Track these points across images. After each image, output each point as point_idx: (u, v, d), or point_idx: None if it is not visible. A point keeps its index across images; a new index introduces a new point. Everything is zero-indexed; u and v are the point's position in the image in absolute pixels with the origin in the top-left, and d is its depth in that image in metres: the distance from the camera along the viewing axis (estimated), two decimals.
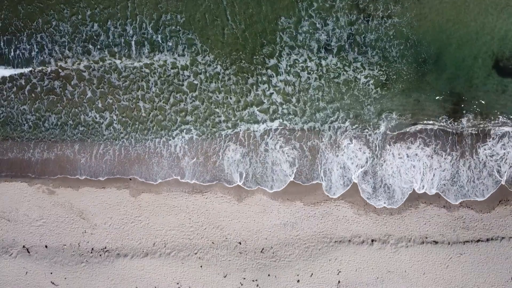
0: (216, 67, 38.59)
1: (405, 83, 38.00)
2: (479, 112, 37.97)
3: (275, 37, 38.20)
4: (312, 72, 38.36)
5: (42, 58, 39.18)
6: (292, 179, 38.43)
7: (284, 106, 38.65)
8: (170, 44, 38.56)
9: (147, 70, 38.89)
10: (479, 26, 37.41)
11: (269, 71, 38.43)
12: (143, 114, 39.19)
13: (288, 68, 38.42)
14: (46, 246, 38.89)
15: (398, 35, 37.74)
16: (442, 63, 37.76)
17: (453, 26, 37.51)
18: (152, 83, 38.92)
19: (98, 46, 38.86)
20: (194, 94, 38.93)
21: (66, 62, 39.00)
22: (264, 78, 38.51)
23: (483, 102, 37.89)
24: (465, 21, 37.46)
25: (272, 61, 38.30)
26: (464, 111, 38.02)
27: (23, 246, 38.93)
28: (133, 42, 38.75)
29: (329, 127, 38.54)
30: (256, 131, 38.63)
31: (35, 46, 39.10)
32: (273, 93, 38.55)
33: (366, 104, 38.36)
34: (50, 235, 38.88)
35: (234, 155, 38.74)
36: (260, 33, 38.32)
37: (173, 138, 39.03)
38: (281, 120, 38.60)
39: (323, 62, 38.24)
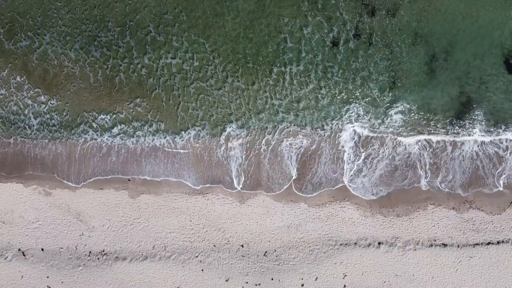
0: (221, 72, 38.16)
1: (414, 83, 37.48)
2: (488, 113, 37.42)
3: (278, 41, 37.76)
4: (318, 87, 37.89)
5: None
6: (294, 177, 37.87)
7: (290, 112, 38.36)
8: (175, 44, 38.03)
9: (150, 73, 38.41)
10: (489, 20, 36.90)
11: (273, 80, 38.09)
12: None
13: (293, 80, 38.07)
14: (42, 249, 38.33)
15: (406, 31, 37.19)
16: (452, 60, 37.22)
17: (463, 21, 37.02)
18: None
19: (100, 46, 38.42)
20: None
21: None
22: (271, 82, 38.12)
23: (492, 102, 37.41)
24: (475, 16, 36.98)
25: (276, 69, 37.90)
26: (473, 112, 37.50)
27: (19, 249, 38.33)
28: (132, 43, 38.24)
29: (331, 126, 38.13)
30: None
31: None
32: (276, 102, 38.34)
33: (375, 105, 37.81)
34: (46, 237, 38.31)
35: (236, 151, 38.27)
36: (264, 32, 37.88)
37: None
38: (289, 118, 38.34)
39: (329, 74, 37.79)
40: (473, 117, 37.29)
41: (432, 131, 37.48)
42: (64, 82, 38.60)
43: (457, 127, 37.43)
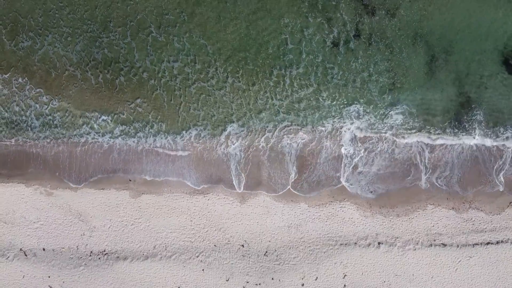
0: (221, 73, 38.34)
1: (413, 83, 37.67)
2: (487, 113, 37.61)
3: (279, 42, 37.95)
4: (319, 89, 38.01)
5: None
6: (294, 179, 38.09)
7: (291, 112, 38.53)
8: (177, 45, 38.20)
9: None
10: (490, 20, 37.03)
11: (273, 81, 38.32)
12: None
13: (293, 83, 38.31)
14: (43, 249, 38.40)
15: (406, 31, 37.35)
16: (452, 61, 37.40)
17: (463, 20, 37.17)
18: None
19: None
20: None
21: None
22: (272, 84, 38.33)
23: (492, 102, 37.55)
24: (475, 15, 37.11)
25: (277, 71, 38.10)
26: (472, 112, 37.64)
27: (20, 249, 38.41)
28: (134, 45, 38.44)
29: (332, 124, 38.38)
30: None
31: None
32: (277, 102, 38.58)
33: (374, 106, 38.03)
34: (48, 237, 38.40)
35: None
36: (265, 33, 38.04)
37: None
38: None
39: (329, 76, 37.97)
40: (472, 118, 37.49)
41: (432, 133, 37.70)
42: (66, 83, 38.76)
43: (456, 129, 37.65)
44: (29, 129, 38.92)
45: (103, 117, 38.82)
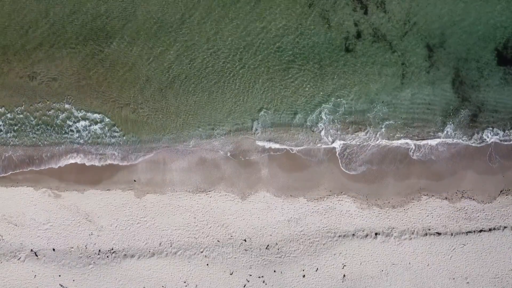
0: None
1: (409, 84, 38.72)
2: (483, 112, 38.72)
3: (276, 44, 38.83)
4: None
5: None
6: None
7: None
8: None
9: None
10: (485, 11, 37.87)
11: (271, 82, 39.13)
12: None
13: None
14: (53, 249, 38.81)
15: (403, 30, 38.26)
16: (449, 50, 38.07)
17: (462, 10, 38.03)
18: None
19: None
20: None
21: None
22: (270, 85, 39.24)
23: (490, 102, 38.71)
24: (471, 7, 37.92)
25: (275, 73, 38.88)
26: (467, 112, 38.71)
27: (31, 250, 38.82)
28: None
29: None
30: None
31: None
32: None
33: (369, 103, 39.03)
34: (57, 238, 38.78)
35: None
36: (262, 35, 38.80)
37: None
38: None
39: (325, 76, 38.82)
40: (468, 118, 38.48)
41: (426, 136, 38.75)
42: (68, 85, 38.97)
43: (452, 131, 38.58)
44: (33, 132, 39.04)
45: (107, 120, 39.27)
